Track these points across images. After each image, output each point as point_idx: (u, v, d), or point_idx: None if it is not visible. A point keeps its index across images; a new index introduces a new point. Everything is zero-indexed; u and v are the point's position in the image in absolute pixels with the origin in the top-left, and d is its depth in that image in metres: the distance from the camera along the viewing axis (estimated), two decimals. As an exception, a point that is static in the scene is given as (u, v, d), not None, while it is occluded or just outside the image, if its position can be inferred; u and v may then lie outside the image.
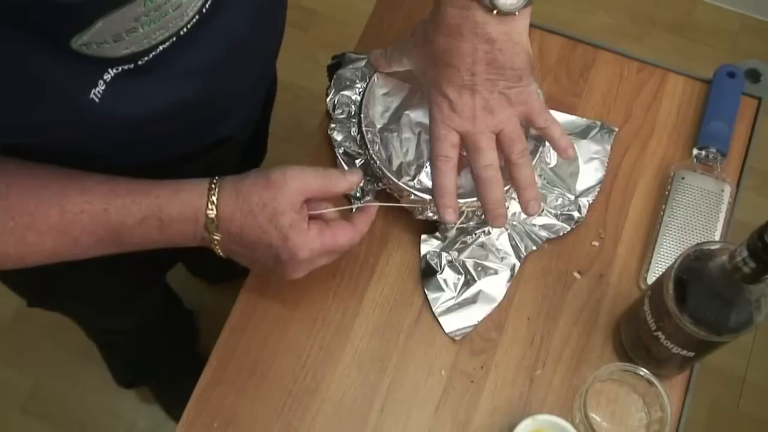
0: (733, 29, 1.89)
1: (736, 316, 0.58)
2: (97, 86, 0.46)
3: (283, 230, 0.60)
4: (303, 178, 0.61)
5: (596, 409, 0.70)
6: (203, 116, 0.63)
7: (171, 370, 1.39)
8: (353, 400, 0.71)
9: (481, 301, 0.73)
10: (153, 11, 0.44)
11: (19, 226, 0.54)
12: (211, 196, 0.60)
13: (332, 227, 0.64)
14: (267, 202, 0.60)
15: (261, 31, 0.63)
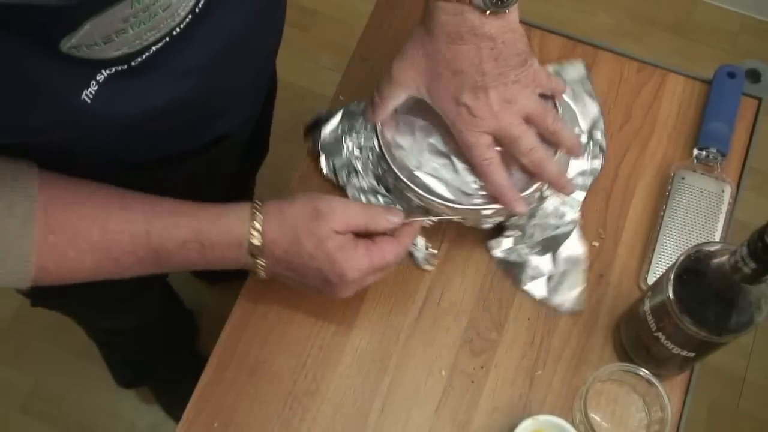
0: (733, 29, 1.89)
1: (737, 316, 0.58)
2: (89, 87, 0.46)
3: (331, 254, 0.61)
4: (348, 212, 0.63)
5: (596, 410, 0.70)
6: (200, 114, 0.62)
7: (171, 370, 1.39)
8: (353, 400, 0.71)
9: (575, 265, 0.74)
10: (141, 12, 0.44)
11: (59, 241, 0.54)
12: (254, 221, 0.61)
13: (378, 245, 0.64)
14: (314, 230, 0.61)
15: (258, 30, 0.62)
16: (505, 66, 0.65)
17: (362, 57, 0.86)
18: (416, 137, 0.73)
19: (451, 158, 0.72)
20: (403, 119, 0.73)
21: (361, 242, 0.63)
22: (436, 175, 0.71)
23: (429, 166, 0.71)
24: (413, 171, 0.71)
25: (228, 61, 0.57)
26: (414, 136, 0.73)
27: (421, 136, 0.73)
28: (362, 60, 0.86)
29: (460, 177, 0.71)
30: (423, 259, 0.75)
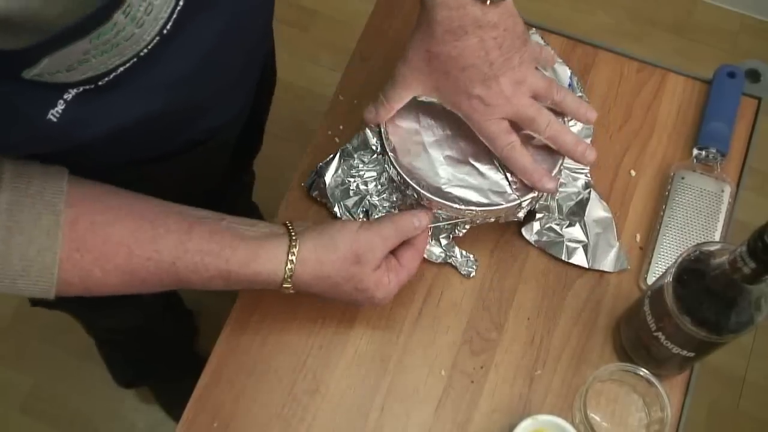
0: (733, 29, 1.89)
1: (736, 316, 0.58)
2: (55, 107, 0.46)
3: (368, 293, 0.65)
4: (386, 246, 0.65)
5: (596, 409, 0.70)
6: (177, 121, 0.62)
7: (171, 370, 1.39)
8: (353, 400, 0.71)
9: (604, 225, 0.76)
10: (101, 45, 0.44)
11: (85, 260, 0.54)
12: (288, 272, 0.62)
13: (404, 264, 0.67)
14: (354, 275, 0.64)
15: (234, 43, 0.61)
16: (510, 50, 0.65)
17: (362, 57, 0.86)
18: (431, 155, 0.72)
19: (473, 164, 0.72)
20: (412, 142, 0.73)
21: (391, 269, 0.67)
22: (464, 184, 0.71)
23: (455, 178, 0.71)
24: (442, 188, 0.70)
25: (202, 75, 0.57)
26: (428, 154, 0.72)
27: (435, 152, 0.72)
28: (362, 60, 0.86)
29: (488, 179, 0.71)
30: (464, 267, 0.75)
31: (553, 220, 0.76)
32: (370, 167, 0.76)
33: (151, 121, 0.54)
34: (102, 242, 0.55)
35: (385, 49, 0.86)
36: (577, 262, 0.75)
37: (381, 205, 0.74)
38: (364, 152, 0.76)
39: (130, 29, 0.45)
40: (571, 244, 0.75)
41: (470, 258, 0.75)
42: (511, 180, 0.71)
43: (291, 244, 0.62)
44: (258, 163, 1.09)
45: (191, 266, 0.58)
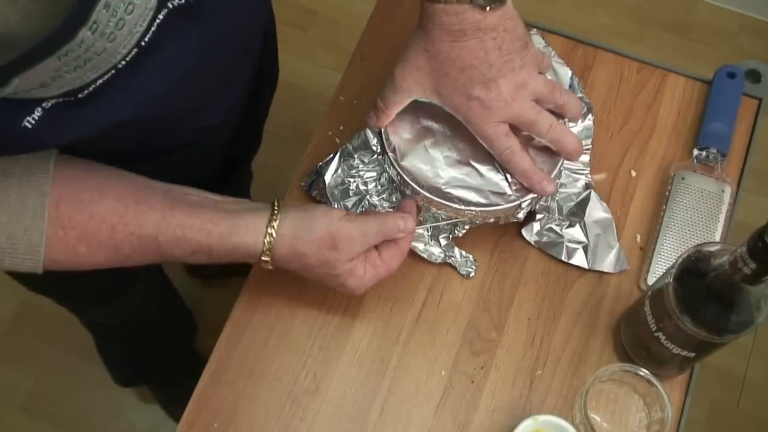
0: (733, 29, 1.89)
1: (737, 316, 0.58)
2: (32, 113, 0.46)
3: (340, 279, 0.65)
4: (366, 241, 0.64)
5: (596, 410, 0.70)
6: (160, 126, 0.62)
7: (170, 370, 1.39)
8: (353, 400, 0.71)
9: (603, 226, 0.76)
10: (72, 61, 0.44)
11: (70, 237, 0.56)
12: (267, 244, 0.62)
13: (384, 259, 0.67)
14: (328, 260, 0.64)
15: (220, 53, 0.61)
16: (510, 53, 0.65)
17: (362, 57, 0.86)
18: (431, 155, 0.72)
19: (473, 164, 0.72)
20: (412, 142, 0.73)
21: (369, 261, 0.66)
22: (464, 185, 0.71)
23: (455, 179, 0.71)
24: (442, 188, 0.71)
25: (184, 84, 0.56)
26: (428, 154, 0.72)
27: (435, 152, 0.72)
28: (362, 60, 0.86)
29: (488, 179, 0.71)
30: (463, 268, 0.75)
31: (553, 220, 0.76)
32: (370, 167, 0.76)
33: (134, 125, 0.54)
34: (87, 219, 0.56)
35: (385, 49, 0.86)
36: (577, 263, 0.75)
37: (381, 206, 0.74)
38: (365, 152, 0.76)
39: (100, 44, 0.44)
40: (571, 244, 0.75)
41: (470, 258, 0.75)
42: (511, 181, 0.71)
43: (272, 217, 0.63)
44: (258, 163, 1.09)
45: (173, 240, 0.59)
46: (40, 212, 0.53)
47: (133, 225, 0.58)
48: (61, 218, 0.55)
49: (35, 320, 1.52)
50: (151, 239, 0.59)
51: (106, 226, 0.57)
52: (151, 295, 1.18)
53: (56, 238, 0.55)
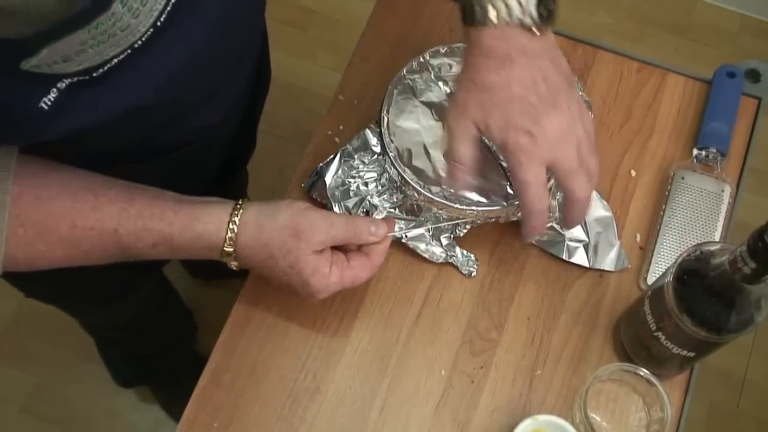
0: (733, 29, 1.89)
1: (737, 316, 0.58)
2: (48, 94, 0.46)
3: (303, 276, 0.62)
4: (332, 230, 0.62)
5: (596, 409, 0.70)
6: (166, 118, 0.62)
7: (170, 370, 1.39)
8: (353, 400, 0.71)
9: (604, 224, 0.76)
10: (99, 35, 0.44)
11: (28, 234, 0.55)
12: (230, 232, 0.60)
13: (352, 267, 0.64)
14: (291, 250, 0.61)
15: (226, 38, 0.61)
16: (556, 88, 0.61)
17: (362, 57, 0.86)
18: (431, 155, 0.72)
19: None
20: (413, 142, 0.73)
21: (336, 262, 0.64)
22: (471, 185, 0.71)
23: None
24: (443, 188, 0.70)
25: (193, 69, 0.57)
26: (428, 154, 0.72)
27: (436, 152, 0.72)
28: (362, 60, 0.86)
29: (489, 179, 0.71)
30: (464, 267, 0.75)
31: (554, 219, 0.76)
32: (370, 168, 0.76)
33: (141, 113, 0.54)
34: (45, 216, 0.55)
35: (385, 49, 0.86)
36: (578, 262, 0.75)
37: (382, 206, 0.74)
38: (365, 153, 0.76)
39: (126, 19, 0.45)
40: (571, 243, 0.75)
41: (471, 257, 0.75)
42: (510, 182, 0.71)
43: (235, 206, 0.61)
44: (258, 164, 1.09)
45: (134, 232, 0.58)
46: (1, 211, 0.53)
47: (93, 219, 0.57)
48: (21, 216, 0.54)
49: (35, 320, 1.52)
50: (111, 233, 0.57)
51: (65, 222, 0.56)
52: (153, 297, 1.18)
53: (15, 236, 0.54)
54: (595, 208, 0.77)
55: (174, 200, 0.60)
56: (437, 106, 0.75)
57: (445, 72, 0.76)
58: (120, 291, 0.99)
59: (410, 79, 0.76)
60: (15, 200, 0.53)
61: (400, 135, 0.73)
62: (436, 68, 0.76)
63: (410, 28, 0.87)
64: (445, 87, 0.75)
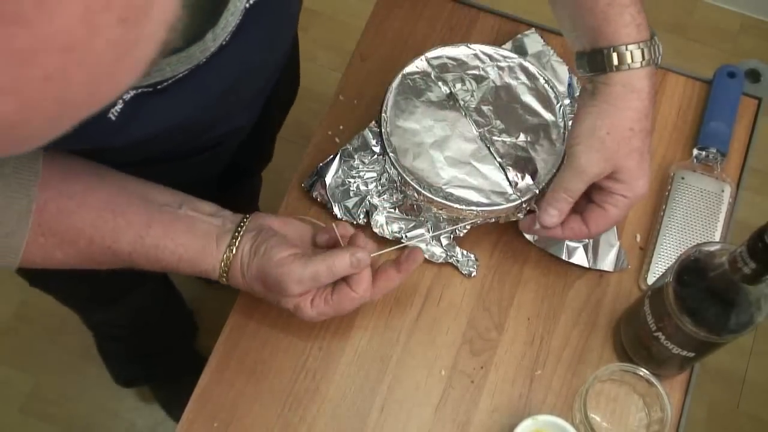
0: (733, 29, 1.89)
1: (737, 316, 0.58)
2: (115, 105, 0.48)
3: (289, 309, 0.66)
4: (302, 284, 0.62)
5: (596, 409, 0.70)
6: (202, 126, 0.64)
7: (171, 370, 1.39)
8: (353, 400, 0.71)
9: None
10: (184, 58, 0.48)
11: (48, 243, 0.57)
12: (223, 274, 0.64)
13: (334, 299, 0.65)
14: (267, 296, 0.66)
15: (273, 54, 0.64)
16: (648, 125, 0.63)
17: (362, 57, 0.86)
18: (431, 155, 0.72)
19: (473, 164, 0.72)
20: (413, 143, 0.73)
21: (319, 294, 0.65)
22: (465, 185, 0.71)
23: (456, 179, 0.71)
24: (443, 188, 0.71)
25: (244, 82, 0.60)
26: (428, 154, 0.72)
27: (436, 152, 0.72)
28: (362, 60, 0.86)
29: (489, 179, 0.71)
30: (464, 267, 0.75)
31: None
32: (370, 168, 0.76)
33: (192, 123, 0.57)
34: (66, 229, 0.58)
35: (385, 49, 0.86)
36: (578, 262, 0.75)
37: (382, 206, 0.74)
38: (365, 153, 0.76)
39: (209, 45, 0.50)
40: (571, 243, 0.75)
41: (471, 258, 0.75)
42: (511, 181, 0.71)
43: (230, 244, 0.64)
44: (258, 163, 1.10)
45: (145, 257, 0.61)
46: (25, 218, 0.54)
47: (110, 240, 0.60)
48: (43, 226, 0.56)
49: (35, 320, 1.52)
50: (125, 255, 0.61)
51: (84, 237, 0.59)
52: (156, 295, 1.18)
53: (36, 244, 0.56)
54: None
55: (186, 229, 0.63)
56: (437, 105, 0.75)
57: (445, 72, 0.76)
58: (125, 288, 0.99)
59: (410, 79, 0.76)
60: (39, 209, 0.55)
61: (400, 135, 0.73)
62: (436, 68, 0.76)
63: (410, 28, 0.87)
64: (445, 87, 0.75)
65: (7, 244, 0.55)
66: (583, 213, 0.67)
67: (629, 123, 0.62)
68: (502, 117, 0.74)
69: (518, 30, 0.86)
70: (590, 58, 0.63)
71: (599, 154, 0.62)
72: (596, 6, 0.61)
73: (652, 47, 0.62)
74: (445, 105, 0.75)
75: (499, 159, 0.72)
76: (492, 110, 0.75)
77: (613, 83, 0.62)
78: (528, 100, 0.75)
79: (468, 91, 0.75)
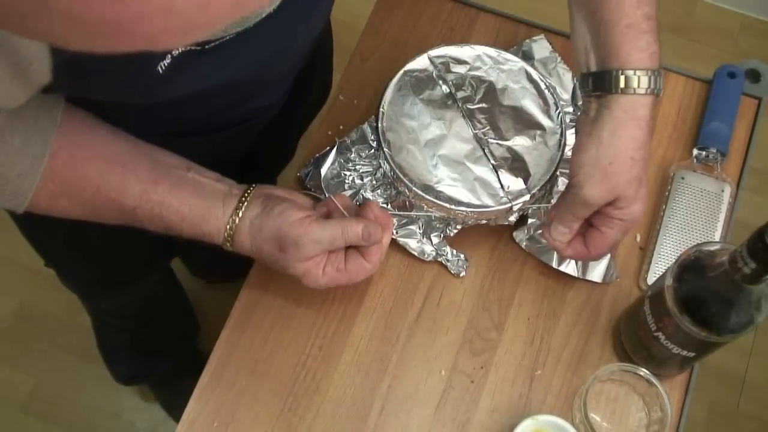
0: (733, 29, 1.89)
1: (737, 316, 0.58)
2: (164, 59, 0.49)
3: (295, 276, 0.65)
4: (318, 245, 0.63)
5: (596, 409, 0.70)
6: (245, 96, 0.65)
7: (171, 369, 1.39)
8: (353, 400, 0.71)
9: None
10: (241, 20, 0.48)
11: (56, 190, 0.58)
12: (228, 238, 0.64)
13: (348, 268, 0.65)
14: (278, 260, 0.64)
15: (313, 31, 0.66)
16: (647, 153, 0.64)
17: (362, 57, 0.86)
18: (426, 153, 0.72)
19: (467, 165, 0.72)
20: (409, 139, 0.73)
21: (331, 262, 0.65)
22: (456, 185, 0.71)
23: (448, 178, 0.71)
24: (434, 187, 0.71)
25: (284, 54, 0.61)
26: (423, 152, 0.72)
27: (431, 150, 0.73)
28: (362, 60, 0.86)
29: (481, 180, 0.71)
30: (454, 267, 0.75)
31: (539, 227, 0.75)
32: (366, 162, 0.76)
33: (233, 88, 0.58)
34: (75, 177, 0.59)
35: (385, 49, 0.86)
36: (567, 271, 0.74)
37: (375, 201, 0.74)
38: (362, 147, 0.76)
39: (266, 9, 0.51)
40: None
41: (461, 258, 0.75)
42: (503, 183, 0.71)
43: (237, 207, 0.64)
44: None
45: (149, 215, 0.62)
46: (38, 162, 0.55)
47: (116, 192, 0.60)
48: (54, 171, 0.57)
49: (35, 320, 1.52)
50: (129, 210, 0.61)
51: (91, 187, 0.59)
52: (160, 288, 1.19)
53: (44, 189, 0.57)
54: None
55: (192, 191, 0.63)
56: (436, 104, 0.75)
57: (447, 71, 0.76)
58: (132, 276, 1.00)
59: (412, 75, 0.76)
60: (53, 156, 0.56)
61: (396, 130, 0.73)
62: (438, 67, 0.76)
63: (410, 28, 0.87)
64: (445, 86, 0.75)
65: (19, 185, 0.55)
66: (585, 235, 0.68)
67: (630, 152, 0.62)
68: (500, 120, 0.74)
69: (518, 30, 0.87)
70: (596, 77, 0.63)
71: (603, 185, 0.63)
72: (616, 26, 0.61)
73: (658, 77, 0.62)
74: (444, 104, 0.75)
75: (493, 161, 0.72)
76: (490, 112, 0.75)
77: (616, 107, 0.62)
78: (527, 105, 0.75)
79: (468, 91, 0.75)
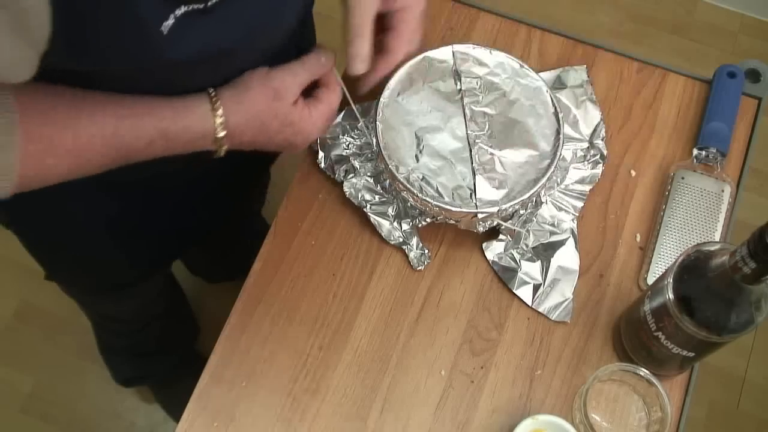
0: (733, 29, 1.89)
1: (737, 316, 0.58)
2: (168, 19, 0.50)
3: (295, 126, 0.67)
4: (296, 79, 0.66)
5: (596, 409, 0.70)
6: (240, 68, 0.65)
7: (171, 370, 1.39)
8: (353, 400, 0.71)
9: (566, 275, 0.74)
10: None
11: (38, 150, 0.57)
12: (216, 116, 0.63)
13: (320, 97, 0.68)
14: (277, 111, 0.65)
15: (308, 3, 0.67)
16: None
17: (362, 57, 0.86)
18: (414, 138, 0.73)
19: (450, 161, 0.72)
20: (403, 121, 0.74)
21: (308, 104, 0.68)
22: (432, 176, 0.72)
23: (426, 168, 0.72)
24: (411, 172, 0.71)
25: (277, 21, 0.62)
26: (412, 136, 0.73)
27: (420, 136, 0.73)
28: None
29: (457, 179, 0.72)
30: (415, 258, 0.75)
31: (517, 248, 0.75)
32: (367, 133, 0.76)
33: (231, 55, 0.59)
34: (50, 128, 0.57)
35: (385, 49, 0.86)
36: (522, 296, 0.74)
37: (362, 171, 0.76)
38: (368, 118, 0.77)
39: None
40: (524, 277, 0.74)
41: (425, 252, 0.75)
42: (478, 188, 0.71)
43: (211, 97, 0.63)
44: (258, 163, 1.09)
45: (131, 130, 0.60)
46: (12, 130, 0.54)
47: (92, 126, 0.59)
48: (29, 132, 0.55)
49: (35, 320, 1.52)
50: (111, 136, 0.59)
51: (68, 132, 0.58)
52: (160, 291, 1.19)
53: (26, 153, 0.55)
54: (566, 256, 0.75)
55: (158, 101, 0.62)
56: (442, 96, 0.75)
57: (464, 68, 0.77)
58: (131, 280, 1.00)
59: (430, 63, 0.77)
60: (22, 118, 0.54)
61: (394, 108, 0.73)
62: (458, 63, 0.77)
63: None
64: (458, 82, 0.76)
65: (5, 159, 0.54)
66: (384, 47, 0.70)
67: None
68: (498, 129, 0.74)
69: (518, 30, 0.87)
70: None
71: None
72: None
73: None
74: (450, 99, 0.75)
75: (475, 164, 0.72)
76: (491, 119, 0.75)
77: None
78: (530, 123, 0.75)
79: (477, 93, 0.76)
